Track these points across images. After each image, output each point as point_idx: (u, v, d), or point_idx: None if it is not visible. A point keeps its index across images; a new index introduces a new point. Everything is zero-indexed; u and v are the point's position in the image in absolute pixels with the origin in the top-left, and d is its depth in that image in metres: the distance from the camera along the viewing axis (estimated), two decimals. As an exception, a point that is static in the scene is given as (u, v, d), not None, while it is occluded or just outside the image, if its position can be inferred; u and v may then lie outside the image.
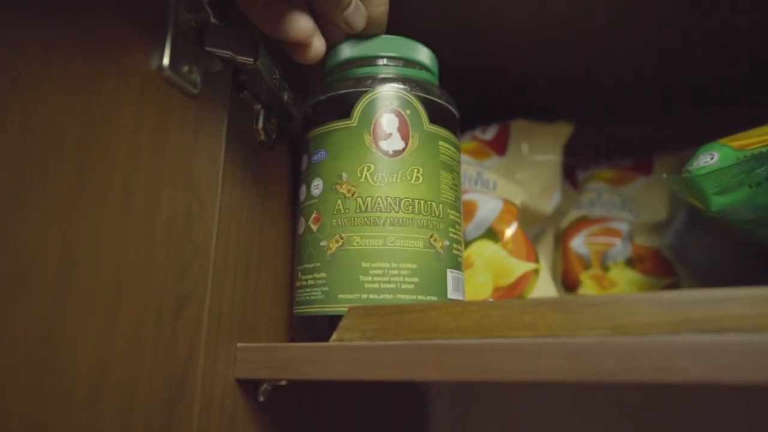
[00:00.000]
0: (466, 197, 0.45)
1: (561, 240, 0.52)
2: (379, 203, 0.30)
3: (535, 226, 0.50)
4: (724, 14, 0.44)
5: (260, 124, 0.33)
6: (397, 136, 0.32)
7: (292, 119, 0.36)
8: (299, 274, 0.32)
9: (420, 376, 0.25)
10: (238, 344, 0.29)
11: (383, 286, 0.29)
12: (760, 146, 0.33)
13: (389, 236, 0.30)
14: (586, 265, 0.49)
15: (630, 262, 0.48)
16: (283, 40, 0.29)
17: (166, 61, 0.24)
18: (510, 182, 0.47)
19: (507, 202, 0.45)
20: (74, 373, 0.19)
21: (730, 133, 0.37)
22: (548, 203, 0.49)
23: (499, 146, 0.51)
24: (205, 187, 0.27)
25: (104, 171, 0.21)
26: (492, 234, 0.43)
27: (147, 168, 0.23)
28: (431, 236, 0.31)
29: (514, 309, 0.25)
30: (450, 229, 0.32)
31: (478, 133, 0.51)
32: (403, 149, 0.31)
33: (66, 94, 0.20)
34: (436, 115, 0.33)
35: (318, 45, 0.30)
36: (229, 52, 0.29)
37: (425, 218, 0.31)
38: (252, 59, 0.29)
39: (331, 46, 0.35)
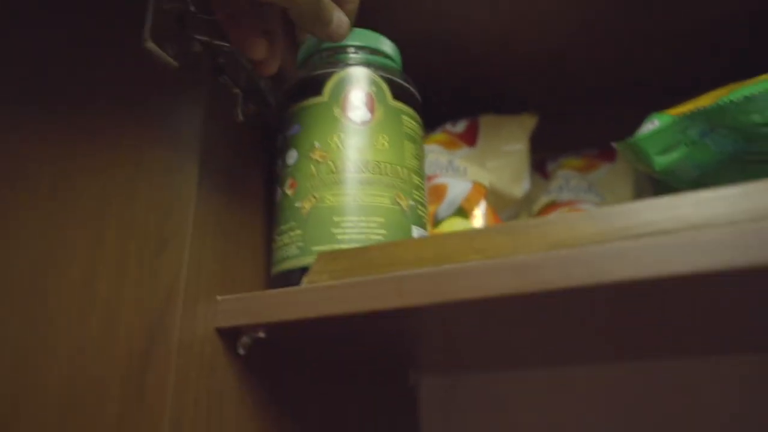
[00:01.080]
0: (437, 181, 0.48)
1: (533, 225, 0.55)
2: (348, 166, 0.33)
3: (507, 209, 0.53)
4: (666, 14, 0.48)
5: (239, 106, 0.36)
6: (363, 109, 0.35)
7: (269, 104, 0.39)
8: (276, 237, 0.35)
9: (383, 305, 0.27)
10: (218, 297, 0.31)
11: (354, 237, 0.32)
12: (691, 109, 0.36)
13: (358, 194, 0.32)
14: (556, 244, 0.52)
15: (597, 240, 0.51)
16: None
17: (147, 33, 0.28)
18: (479, 168, 0.50)
19: (476, 183, 0.48)
20: (66, 283, 0.22)
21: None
22: (518, 188, 0.52)
23: (469, 138, 0.54)
24: (184, 150, 0.30)
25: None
26: (462, 212, 0.46)
27: (134, 121, 0.26)
28: (396, 195, 0.34)
29: (466, 237, 0.27)
30: (414, 191, 0.35)
31: (448, 126, 0.55)
32: (370, 120, 0.35)
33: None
34: (399, 94, 0.37)
35: (272, 65, 0.34)
36: (206, 36, 0.32)
37: (391, 179, 0.34)
38: (227, 42, 0.33)
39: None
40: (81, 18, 0.33)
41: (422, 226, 0.35)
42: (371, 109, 0.35)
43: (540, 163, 0.61)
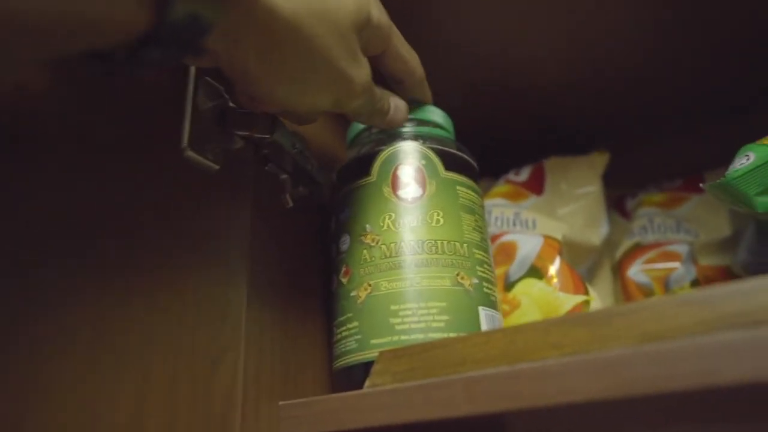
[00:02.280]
0: (505, 238, 0.45)
1: (618, 272, 0.50)
2: (402, 247, 0.31)
3: (586, 260, 0.49)
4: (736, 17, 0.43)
5: (287, 192, 0.35)
6: (414, 185, 0.33)
7: (319, 186, 0.38)
8: (335, 329, 0.33)
9: (451, 412, 0.24)
10: (281, 402, 0.30)
11: (413, 326, 0.29)
12: (795, 137, 0.31)
13: (415, 277, 0.30)
14: (648, 293, 0.46)
15: (696, 284, 0.45)
16: None
17: (185, 141, 0.27)
18: (549, 218, 0.47)
19: (547, 238, 0.44)
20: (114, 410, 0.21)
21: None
22: (595, 235, 0.48)
23: (535, 186, 0.50)
24: (233, 255, 0.29)
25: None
26: (535, 271, 0.42)
27: (175, 231, 0.25)
28: (458, 274, 0.31)
29: (539, 330, 0.24)
30: (477, 267, 0.32)
31: (511, 176, 0.52)
32: (421, 195, 0.32)
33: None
34: (451, 164, 0.34)
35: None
36: (247, 131, 0.32)
37: (450, 258, 0.31)
38: (268, 135, 0.32)
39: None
40: (110, 138, 0.33)
41: (490, 305, 0.31)
42: (422, 185, 0.33)
43: (618, 201, 0.55)
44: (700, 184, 0.35)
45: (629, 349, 0.21)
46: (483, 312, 0.30)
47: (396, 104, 0.34)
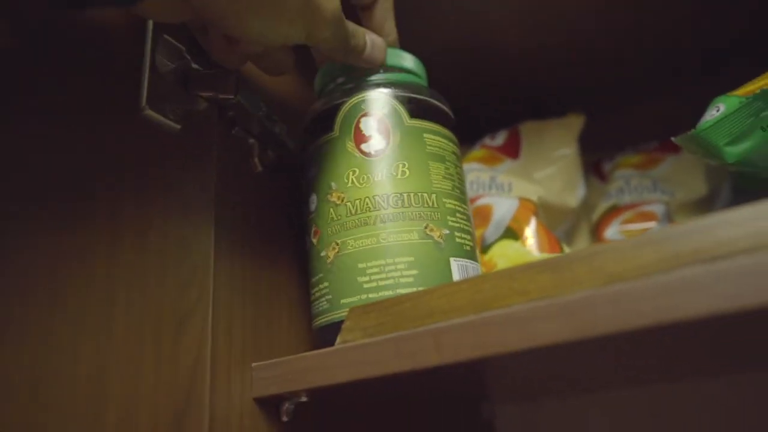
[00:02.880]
0: (481, 202, 0.45)
1: (595, 234, 0.50)
2: (367, 203, 0.31)
3: (563, 222, 0.49)
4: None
5: (255, 156, 0.35)
6: (377, 137, 0.32)
7: (288, 149, 0.38)
8: (311, 289, 0.32)
9: (420, 363, 0.24)
10: (253, 364, 0.30)
11: (381, 283, 0.29)
12: (763, 86, 0.31)
13: (381, 233, 0.30)
14: (624, 254, 0.46)
15: (671, 243, 0.45)
16: None
17: (143, 100, 0.27)
18: (525, 181, 0.47)
19: (523, 200, 0.44)
20: (73, 383, 0.20)
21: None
22: (572, 197, 0.48)
23: (511, 150, 0.50)
24: (197, 215, 0.29)
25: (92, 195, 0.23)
26: (511, 233, 0.42)
27: (136, 192, 0.25)
28: (426, 227, 0.30)
29: (504, 278, 0.24)
30: (449, 217, 0.31)
31: (487, 140, 0.51)
32: (385, 147, 0.32)
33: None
34: (418, 111, 0.33)
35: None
36: (211, 92, 0.31)
37: (417, 210, 0.30)
38: (232, 95, 0.31)
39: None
40: (73, 90, 0.32)
41: (465, 255, 0.31)
42: (386, 136, 0.32)
43: (595, 165, 0.55)
44: (672, 138, 0.35)
45: (592, 291, 0.21)
46: (455, 263, 0.30)
47: (373, 40, 0.33)
